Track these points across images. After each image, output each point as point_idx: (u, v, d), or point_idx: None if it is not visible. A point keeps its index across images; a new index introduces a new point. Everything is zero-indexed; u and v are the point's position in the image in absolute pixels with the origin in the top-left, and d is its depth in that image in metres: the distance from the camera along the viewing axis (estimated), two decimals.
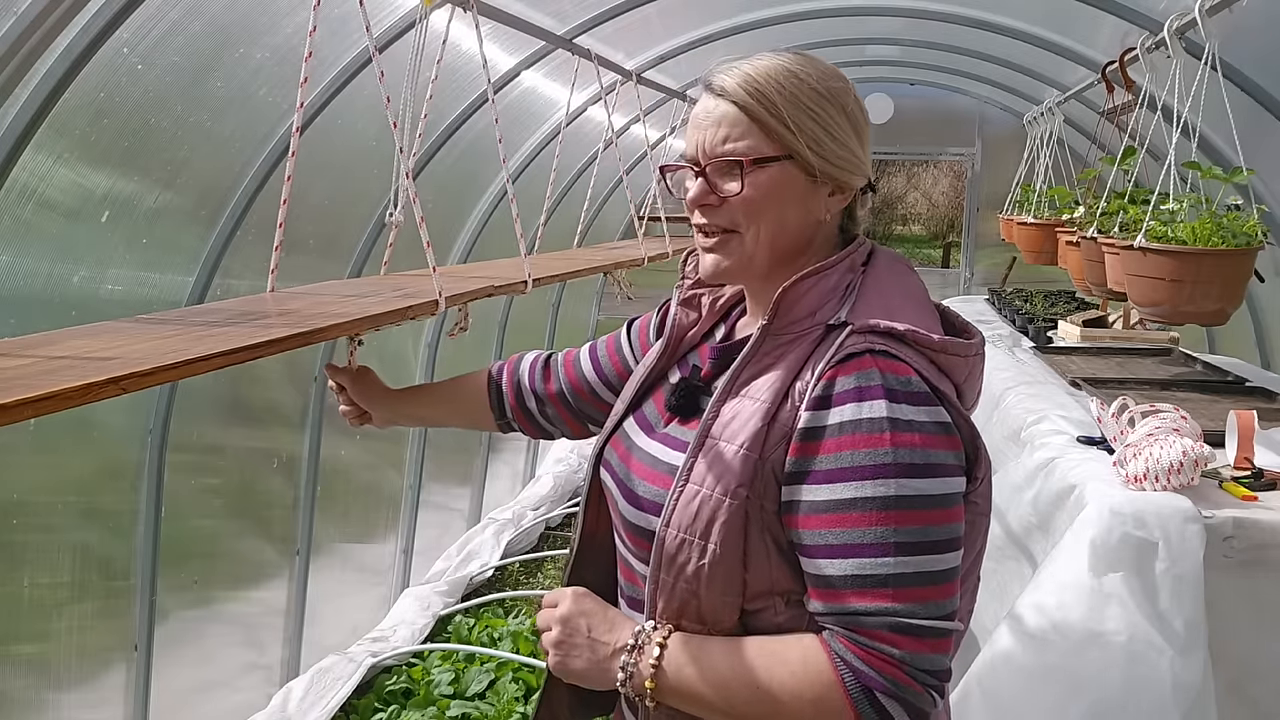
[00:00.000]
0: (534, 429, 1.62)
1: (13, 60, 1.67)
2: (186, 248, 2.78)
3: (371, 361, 1.79)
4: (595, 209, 5.35)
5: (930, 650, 1.05)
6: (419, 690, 3.78)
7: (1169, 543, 1.77)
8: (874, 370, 1.08)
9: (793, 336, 1.16)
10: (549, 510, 5.69)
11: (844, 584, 1.05)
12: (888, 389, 1.07)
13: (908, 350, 1.10)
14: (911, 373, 1.08)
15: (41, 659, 2.53)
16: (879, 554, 1.04)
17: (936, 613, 1.05)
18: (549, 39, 3.52)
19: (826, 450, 1.07)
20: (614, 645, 1.14)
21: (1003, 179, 5.91)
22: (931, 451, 1.06)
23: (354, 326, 1.57)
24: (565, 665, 1.17)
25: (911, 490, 1.05)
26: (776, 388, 1.13)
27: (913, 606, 1.04)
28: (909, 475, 1.05)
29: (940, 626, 1.06)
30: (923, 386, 1.08)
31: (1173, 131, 2.67)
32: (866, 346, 1.09)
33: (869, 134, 1.23)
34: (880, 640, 1.04)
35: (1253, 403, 2.69)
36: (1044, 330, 3.88)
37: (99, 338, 1.33)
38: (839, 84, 1.20)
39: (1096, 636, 1.77)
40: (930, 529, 1.05)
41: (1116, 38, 3.59)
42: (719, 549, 1.10)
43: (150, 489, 2.75)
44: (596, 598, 1.20)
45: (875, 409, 1.06)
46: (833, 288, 1.17)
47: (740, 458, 1.11)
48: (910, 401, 1.07)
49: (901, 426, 1.05)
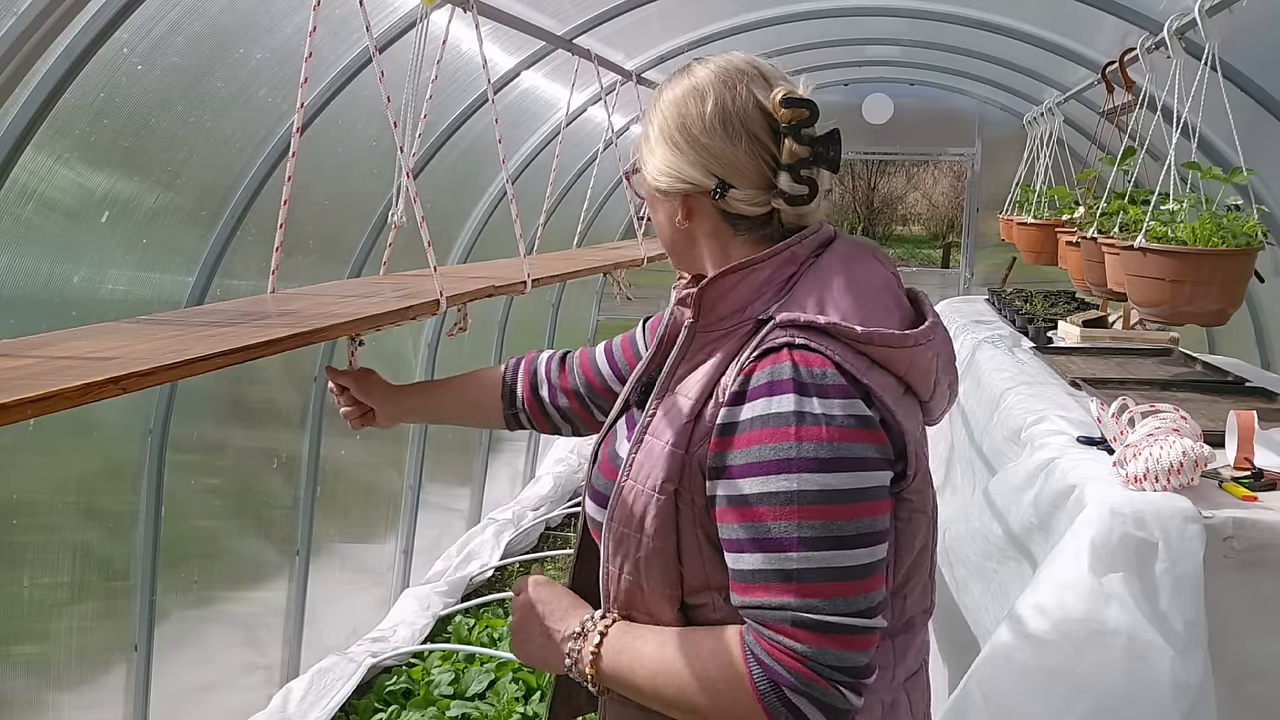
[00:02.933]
0: (544, 421, 1.63)
1: (13, 60, 1.67)
2: (186, 248, 2.79)
3: (371, 361, 1.79)
4: (595, 209, 5.35)
5: (838, 646, 1.05)
6: (419, 690, 3.78)
7: (1169, 543, 1.77)
8: (786, 364, 1.07)
9: (722, 332, 1.17)
10: (549, 510, 5.69)
11: (753, 578, 1.06)
12: (798, 382, 1.06)
13: (831, 343, 1.09)
14: (829, 365, 1.07)
15: (41, 659, 2.53)
16: (783, 549, 1.04)
17: (845, 609, 1.05)
18: (549, 39, 3.53)
19: (739, 445, 1.08)
20: (564, 632, 1.20)
21: (1003, 179, 5.91)
22: (842, 445, 1.05)
23: (354, 327, 1.57)
24: (522, 650, 1.24)
25: (816, 485, 1.04)
26: (704, 384, 1.14)
27: (817, 602, 1.04)
28: (814, 470, 1.04)
29: (848, 623, 1.05)
30: (838, 379, 1.07)
31: (1173, 132, 2.67)
32: (786, 340, 1.09)
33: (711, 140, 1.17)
34: (784, 635, 1.05)
35: (1253, 403, 2.69)
36: (1044, 330, 3.88)
37: (99, 338, 1.34)
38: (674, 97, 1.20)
39: (1096, 636, 1.77)
40: (837, 524, 1.05)
41: (1116, 38, 3.59)
42: (652, 542, 1.14)
43: (150, 489, 2.75)
44: (555, 586, 1.26)
45: (783, 403, 1.06)
46: (765, 281, 1.17)
47: (667, 454, 1.13)
48: (821, 395, 1.06)
49: (809, 420, 1.05)
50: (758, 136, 1.18)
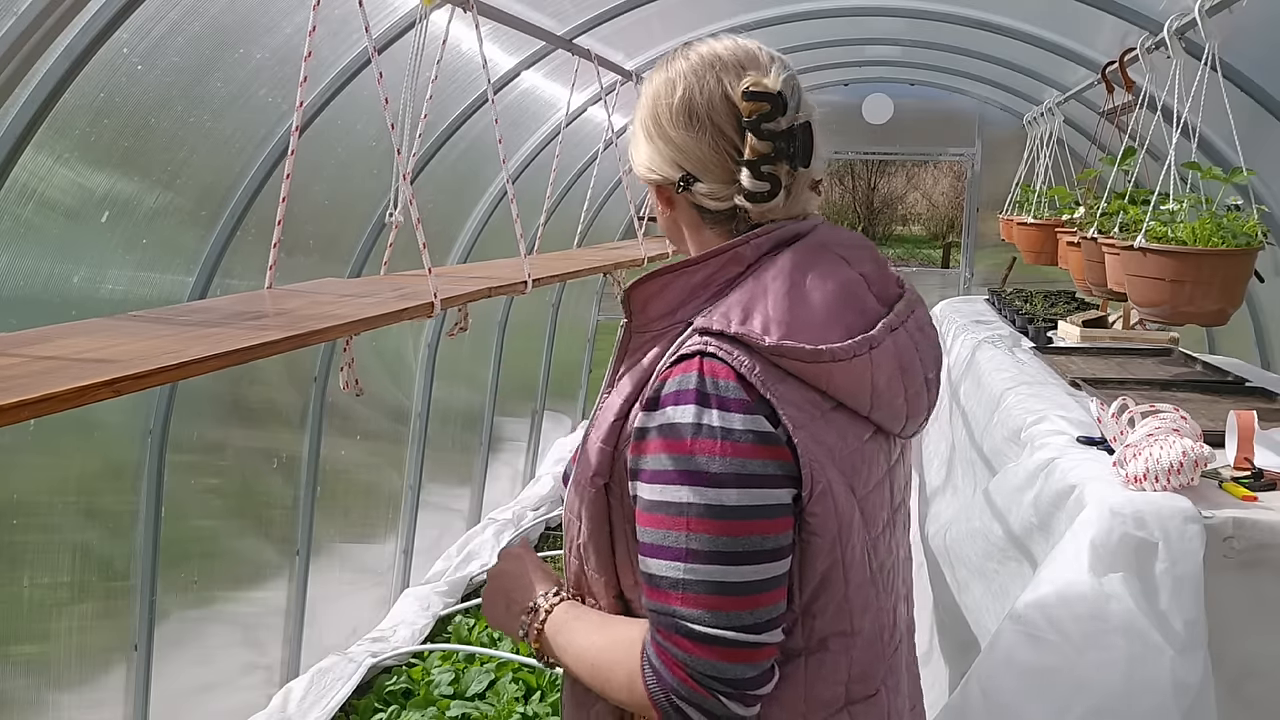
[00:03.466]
0: None
1: (13, 60, 1.67)
2: (186, 248, 2.79)
3: (371, 360, 1.79)
4: (595, 209, 5.35)
5: (718, 658, 1.04)
6: (419, 690, 3.78)
7: (1169, 543, 1.77)
8: (694, 374, 1.06)
9: (654, 334, 1.16)
10: (549, 510, 5.69)
11: (650, 581, 1.08)
12: (700, 393, 1.05)
13: (743, 352, 1.06)
14: (733, 377, 1.05)
15: (41, 659, 2.53)
16: (673, 558, 1.05)
17: (730, 623, 1.04)
18: (549, 39, 3.53)
19: (646, 451, 1.07)
20: (521, 604, 1.24)
21: (1003, 179, 5.90)
22: (735, 460, 1.03)
23: (350, 328, 1.57)
24: (488, 615, 1.30)
25: (706, 499, 1.03)
26: (635, 384, 1.14)
27: (700, 613, 1.04)
28: (704, 484, 1.03)
29: (730, 637, 1.04)
30: (740, 393, 1.04)
31: (1173, 132, 2.67)
32: (699, 347, 1.07)
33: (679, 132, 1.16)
34: (668, 640, 1.06)
35: (1253, 403, 2.68)
36: (1044, 330, 3.88)
37: (95, 336, 1.33)
38: (654, 89, 1.19)
39: (1096, 636, 1.77)
40: (724, 539, 1.03)
41: (1116, 38, 3.59)
42: (587, 531, 1.17)
43: (150, 489, 2.75)
44: (524, 560, 1.30)
45: (684, 414, 1.05)
46: (701, 284, 1.14)
47: (598, 450, 1.14)
48: (722, 407, 1.04)
49: (705, 433, 1.04)
50: (722, 129, 1.15)
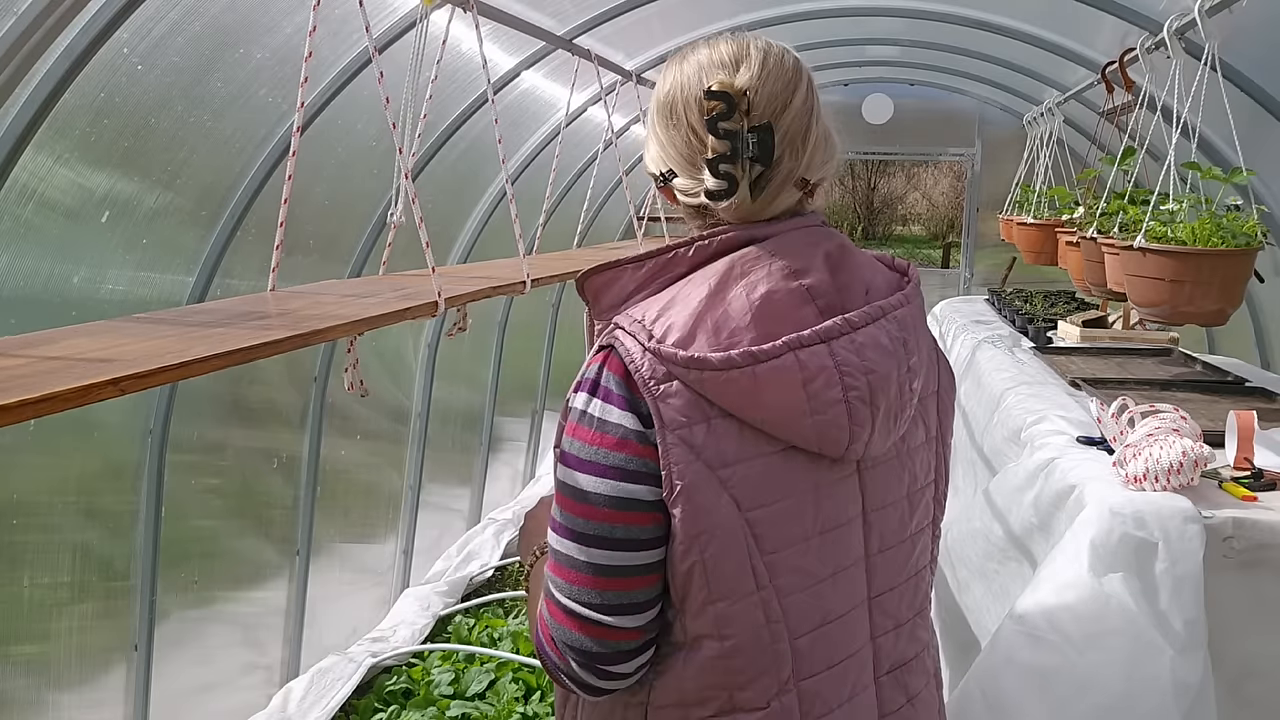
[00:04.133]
0: None
1: (13, 60, 1.67)
2: (187, 248, 2.78)
3: (371, 360, 1.79)
4: (595, 209, 5.35)
5: (571, 628, 1.14)
6: (419, 690, 3.78)
7: (1169, 543, 1.77)
8: (596, 364, 1.14)
9: (602, 325, 1.22)
10: None
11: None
12: (594, 383, 1.13)
13: (638, 351, 1.11)
14: (621, 372, 1.11)
15: (41, 659, 2.53)
16: (552, 529, 1.16)
17: (579, 598, 1.12)
18: (549, 39, 3.53)
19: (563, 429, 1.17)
20: (530, 548, 1.38)
21: (1003, 179, 5.91)
22: (598, 450, 1.11)
23: (353, 328, 1.57)
24: (520, 544, 1.43)
25: (570, 480, 1.12)
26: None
27: (560, 583, 1.14)
28: (573, 467, 1.12)
29: (582, 612, 1.12)
30: (622, 389, 1.11)
31: (1172, 132, 2.67)
32: (610, 340, 1.14)
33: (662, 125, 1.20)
34: (545, 604, 1.17)
35: (1253, 403, 2.69)
36: (1044, 330, 3.88)
37: (97, 337, 1.33)
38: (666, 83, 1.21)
39: (1096, 636, 1.77)
40: (581, 520, 1.12)
41: (1116, 38, 3.59)
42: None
43: (150, 489, 2.75)
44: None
45: (579, 400, 1.14)
46: (644, 280, 1.19)
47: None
48: (604, 398, 1.12)
49: (584, 420, 1.12)
50: (694, 127, 1.17)
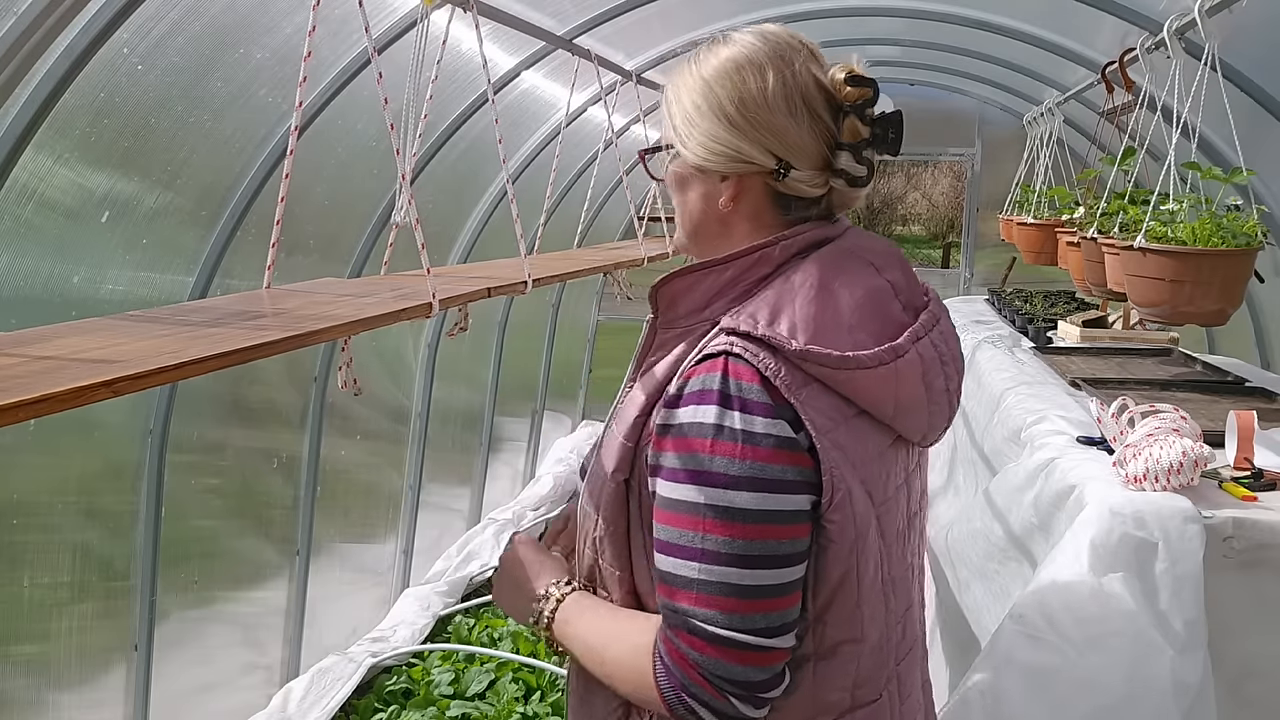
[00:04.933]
0: None
1: (13, 60, 1.67)
2: (186, 248, 2.78)
3: (371, 360, 1.79)
4: (595, 209, 5.35)
5: (731, 660, 1.05)
6: (419, 690, 3.78)
7: (1169, 543, 1.77)
8: (718, 374, 1.05)
9: (680, 330, 1.16)
10: (549, 510, 5.69)
11: (663, 579, 1.09)
12: (723, 394, 1.04)
13: (768, 355, 1.05)
14: (757, 380, 1.04)
15: (41, 659, 2.53)
16: (688, 557, 1.05)
17: (742, 625, 1.04)
18: (549, 39, 3.52)
19: (666, 449, 1.08)
20: (532, 592, 1.25)
21: (1003, 179, 5.90)
22: (754, 464, 1.03)
23: (350, 328, 1.57)
24: (499, 601, 1.31)
25: (724, 501, 1.03)
26: (659, 380, 1.14)
27: (713, 614, 1.04)
28: (722, 485, 1.03)
29: (742, 639, 1.04)
30: (763, 396, 1.04)
31: (1172, 132, 2.67)
32: (725, 347, 1.07)
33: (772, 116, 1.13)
34: (681, 639, 1.07)
35: (1253, 403, 2.68)
36: (1044, 330, 3.88)
37: (93, 336, 1.33)
38: (724, 71, 1.15)
39: (1096, 636, 1.77)
40: (737, 542, 1.04)
41: (1116, 38, 3.59)
42: (605, 525, 1.17)
43: (150, 489, 2.75)
44: (538, 547, 1.31)
45: (706, 414, 1.05)
46: (729, 283, 1.14)
47: (619, 445, 1.15)
48: (745, 410, 1.04)
49: (725, 435, 1.03)
50: (819, 114, 1.15)
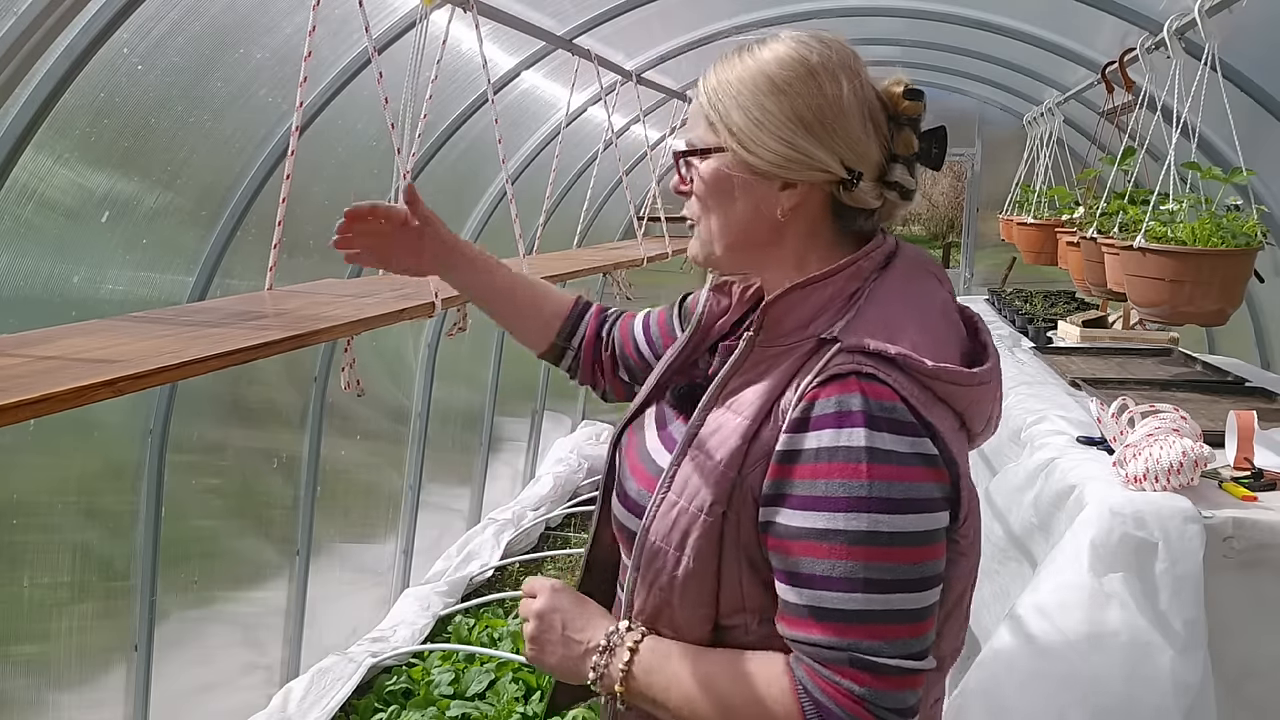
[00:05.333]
0: (587, 373, 1.52)
1: (13, 60, 1.66)
2: (186, 248, 2.78)
3: (371, 360, 1.79)
4: (595, 209, 5.35)
5: (893, 688, 1.01)
6: (419, 690, 3.78)
7: (1169, 543, 1.77)
8: (856, 394, 1.01)
9: (782, 349, 1.10)
10: (549, 510, 5.69)
11: (809, 614, 1.02)
12: (869, 415, 1.01)
13: (898, 374, 1.03)
14: (897, 399, 1.02)
15: (41, 659, 2.53)
16: (846, 589, 1.00)
17: (903, 651, 1.01)
18: (549, 39, 3.52)
19: (802, 476, 1.02)
20: (586, 644, 1.14)
21: (1003, 179, 5.90)
22: (910, 485, 1.01)
23: (350, 328, 1.57)
24: (540, 659, 1.17)
25: (885, 526, 1.00)
26: (761, 403, 1.07)
27: (878, 644, 1.01)
28: (884, 510, 1.00)
29: (905, 665, 1.01)
30: (908, 415, 1.02)
31: (1172, 132, 2.67)
32: (853, 368, 1.03)
33: (847, 124, 1.11)
34: (841, 675, 1.01)
35: (1253, 403, 2.69)
36: (1044, 330, 3.88)
37: (95, 336, 1.33)
38: (796, 74, 1.11)
39: (1096, 637, 1.77)
40: (902, 567, 1.01)
41: (1116, 38, 3.59)
42: (692, 563, 1.08)
43: (150, 489, 2.75)
44: (573, 592, 1.20)
45: (854, 437, 1.00)
46: (831, 298, 1.10)
47: (718, 475, 1.07)
48: (892, 430, 1.01)
49: (880, 457, 1.00)
50: (880, 126, 1.13)
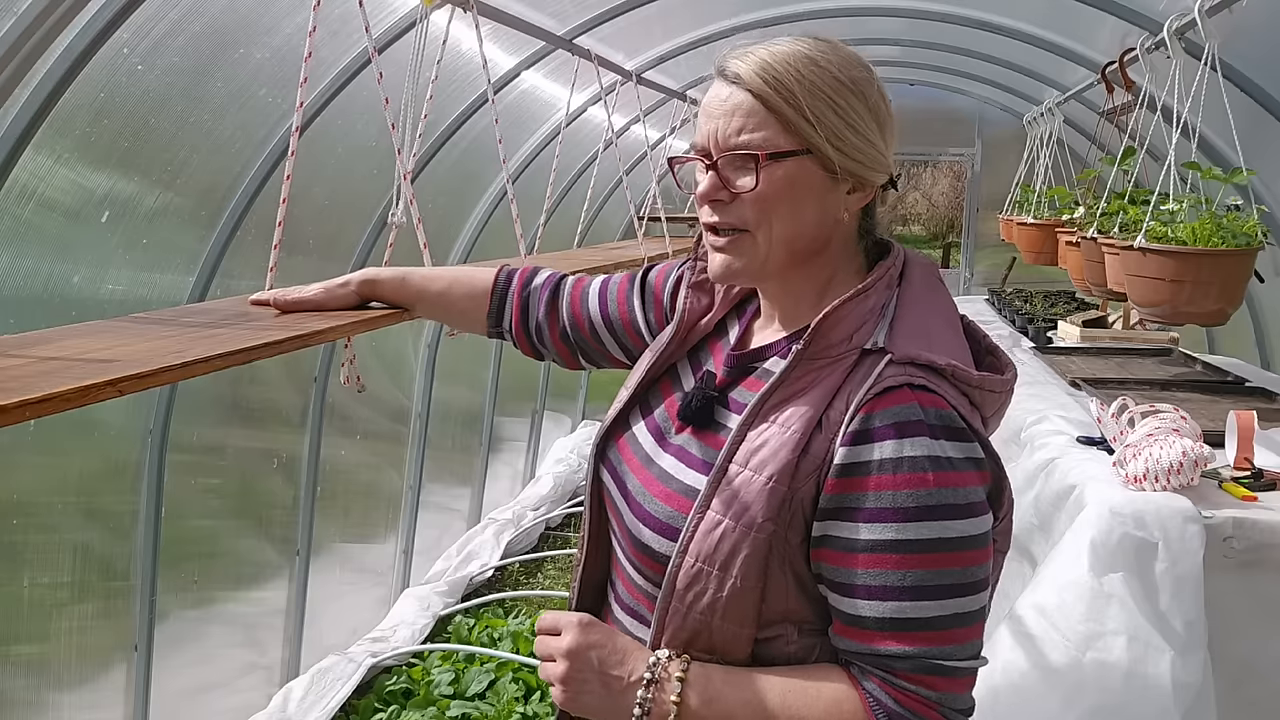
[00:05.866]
0: (529, 349, 1.50)
1: (13, 60, 1.67)
2: (186, 248, 2.79)
3: (371, 360, 1.79)
4: (595, 209, 5.35)
5: (962, 690, 1.04)
6: (419, 690, 3.78)
7: (1169, 543, 1.77)
8: (914, 405, 1.02)
9: (827, 361, 1.08)
10: (549, 510, 5.70)
11: (880, 626, 1.02)
12: (929, 425, 1.02)
13: (944, 384, 1.06)
14: (948, 408, 1.04)
15: (41, 659, 2.53)
16: (919, 598, 1.01)
17: (969, 653, 1.04)
18: (549, 39, 3.52)
19: (866, 488, 1.02)
20: (628, 679, 1.08)
21: (1003, 179, 5.91)
22: (970, 490, 1.03)
23: (350, 329, 1.57)
24: (576, 702, 1.10)
25: (954, 532, 1.01)
26: (809, 416, 1.06)
27: (950, 649, 1.02)
28: (952, 517, 1.01)
29: (971, 666, 1.05)
30: (960, 423, 1.04)
31: (1172, 132, 2.67)
32: (905, 380, 1.03)
33: (893, 126, 1.15)
34: (916, 683, 1.02)
35: (1253, 403, 2.69)
36: (1044, 330, 3.88)
37: (96, 337, 1.33)
38: (862, 73, 1.13)
39: (1096, 637, 1.77)
40: (969, 570, 1.03)
41: (1116, 38, 3.59)
42: (739, 582, 1.05)
43: (150, 489, 2.75)
44: (602, 626, 1.14)
45: (917, 446, 1.01)
46: (870, 309, 1.10)
47: (768, 490, 1.05)
48: (950, 438, 1.03)
49: (944, 465, 1.01)
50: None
